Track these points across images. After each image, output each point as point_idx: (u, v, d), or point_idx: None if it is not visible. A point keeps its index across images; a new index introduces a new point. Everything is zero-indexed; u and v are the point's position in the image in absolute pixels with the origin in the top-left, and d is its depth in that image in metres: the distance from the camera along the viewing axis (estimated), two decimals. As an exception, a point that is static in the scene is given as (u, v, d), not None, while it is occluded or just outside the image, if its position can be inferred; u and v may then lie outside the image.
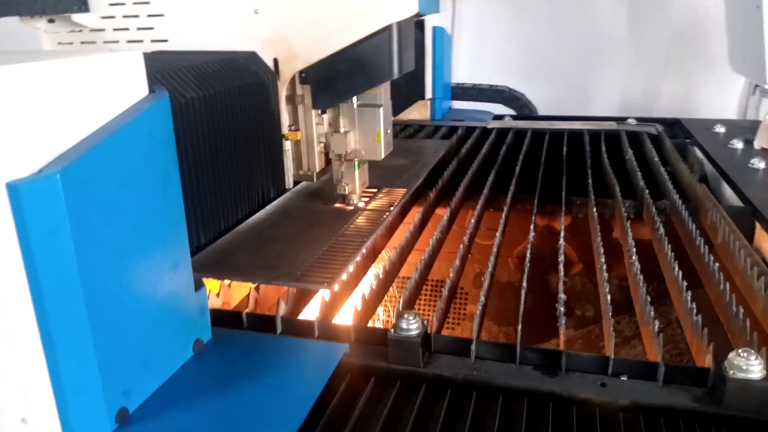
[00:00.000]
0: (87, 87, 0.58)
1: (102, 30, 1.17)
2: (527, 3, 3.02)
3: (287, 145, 1.17)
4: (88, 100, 0.58)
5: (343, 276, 0.95)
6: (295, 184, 1.25)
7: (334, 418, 0.69)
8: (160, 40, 1.15)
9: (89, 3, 1.14)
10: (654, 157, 1.64)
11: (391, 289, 1.13)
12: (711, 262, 0.99)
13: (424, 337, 0.76)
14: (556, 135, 1.92)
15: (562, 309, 0.87)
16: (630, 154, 1.66)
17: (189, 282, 0.71)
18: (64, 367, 0.55)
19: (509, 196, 1.38)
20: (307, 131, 1.17)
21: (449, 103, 2.26)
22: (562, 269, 1.01)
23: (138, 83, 0.64)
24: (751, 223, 1.21)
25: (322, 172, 1.23)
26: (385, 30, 1.01)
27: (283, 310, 0.87)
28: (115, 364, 0.60)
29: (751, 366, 0.67)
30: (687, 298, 0.88)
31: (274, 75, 1.11)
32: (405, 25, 1.04)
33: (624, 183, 1.44)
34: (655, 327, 0.81)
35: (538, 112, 2.35)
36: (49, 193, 0.52)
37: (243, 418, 0.64)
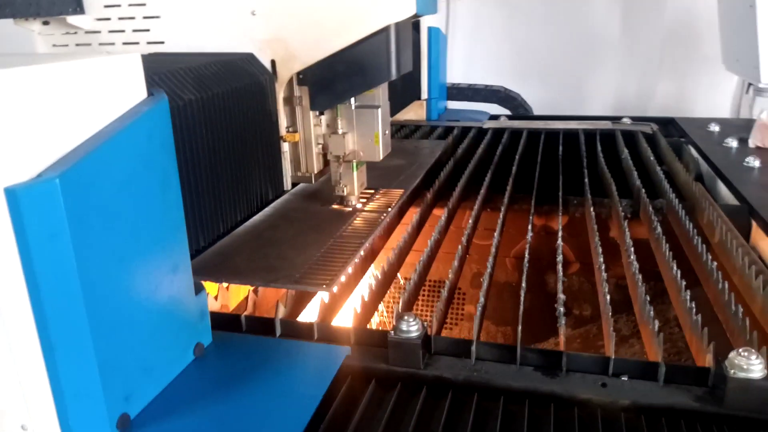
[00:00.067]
0: (85, 90, 0.58)
1: (97, 32, 1.16)
2: (521, 3, 3.02)
3: (285, 146, 1.17)
4: (86, 103, 0.58)
5: (342, 278, 0.95)
6: (294, 185, 1.25)
7: (335, 421, 0.69)
8: (156, 42, 1.15)
9: (84, 5, 1.13)
10: (649, 156, 1.64)
11: (390, 289, 1.13)
12: (709, 261, 1.00)
13: (424, 339, 0.76)
14: (552, 135, 1.92)
15: (561, 309, 0.87)
16: (626, 153, 1.66)
17: (189, 285, 0.71)
18: (65, 373, 0.55)
19: (506, 196, 1.38)
20: (305, 133, 1.17)
21: (445, 104, 2.26)
22: (561, 269, 1.01)
23: (136, 86, 0.64)
24: (747, 222, 1.21)
25: (321, 173, 1.22)
26: (383, 31, 1.01)
27: (282, 312, 0.87)
28: (115, 369, 0.59)
29: (751, 365, 0.67)
30: (686, 298, 0.88)
31: (272, 76, 1.11)
32: (403, 26, 1.04)
33: (620, 182, 1.44)
34: (655, 327, 0.81)
35: (533, 112, 2.35)
36: (48, 197, 0.52)
37: (245, 423, 0.63)
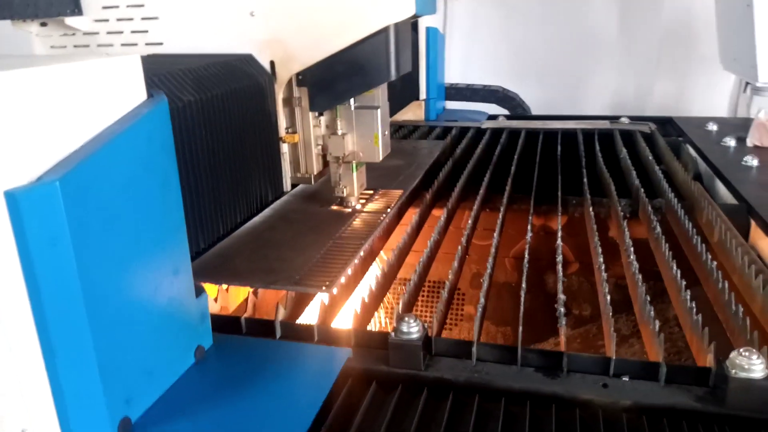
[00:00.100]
0: (85, 92, 0.57)
1: (95, 33, 1.16)
2: (519, 3, 3.03)
3: (284, 147, 1.17)
4: (86, 105, 0.57)
5: (342, 279, 0.95)
6: (293, 186, 1.25)
7: (336, 424, 0.68)
8: (154, 43, 1.14)
9: (82, 6, 1.13)
10: (648, 155, 1.64)
11: (390, 291, 1.13)
12: (709, 261, 1.00)
13: (425, 340, 0.76)
14: (550, 134, 1.92)
15: (562, 309, 0.87)
16: (624, 153, 1.66)
17: (190, 288, 0.70)
18: (65, 377, 0.54)
19: (505, 197, 1.38)
20: (304, 134, 1.16)
21: (443, 104, 2.26)
22: (561, 269, 1.01)
23: (136, 88, 0.63)
24: (746, 221, 1.21)
25: (320, 174, 1.22)
26: (383, 31, 1.01)
27: (282, 314, 0.87)
28: (116, 373, 0.59)
29: (753, 365, 0.67)
30: (686, 297, 0.88)
31: (271, 77, 1.10)
32: (402, 26, 1.03)
33: (619, 182, 1.44)
34: (656, 327, 0.81)
35: (531, 112, 2.36)
36: (48, 201, 0.51)
37: (247, 426, 0.63)
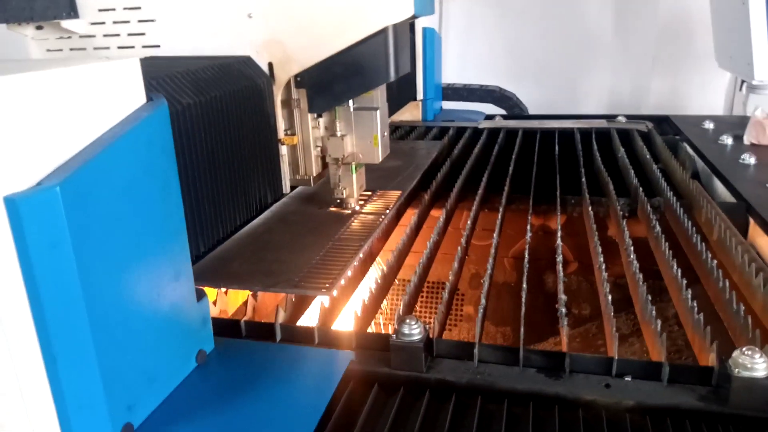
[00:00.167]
0: (85, 96, 0.57)
1: (92, 36, 1.15)
2: (514, 2, 3.03)
3: (283, 149, 1.16)
4: (86, 109, 0.57)
5: (342, 281, 0.95)
6: (292, 188, 1.24)
7: (338, 427, 0.68)
8: (152, 46, 1.13)
9: (78, 9, 1.12)
10: (646, 154, 1.65)
11: (389, 292, 1.12)
12: (709, 259, 1.00)
13: (427, 342, 0.76)
14: (548, 134, 1.92)
15: (563, 310, 0.87)
16: (622, 151, 1.67)
17: (191, 292, 0.70)
18: (67, 383, 0.54)
19: (504, 197, 1.38)
20: (303, 135, 1.16)
21: (440, 104, 2.26)
22: (561, 269, 1.01)
23: (136, 91, 0.63)
24: (744, 219, 1.21)
25: (319, 176, 1.21)
26: (381, 32, 1.01)
27: (282, 317, 0.86)
28: (118, 378, 0.59)
29: (755, 364, 0.67)
30: (687, 296, 0.88)
31: (269, 79, 1.10)
32: (401, 27, 1.03)
33: (617, 181, 1.44)
34: (658, 326, 0.81)
35: (528, 111, 2.36)
36: (48, 206, 0.51)
37: (250, 431, 0.63)
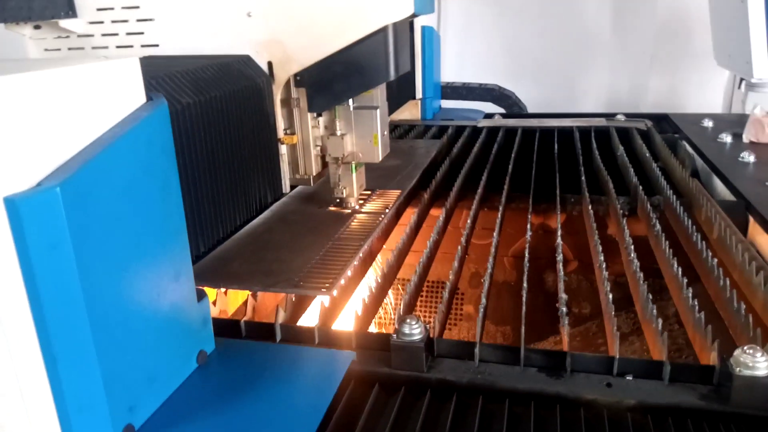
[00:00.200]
0: (85, 96, 0.57)
1: (90, 36, 1.15)
2: (512, 1, 3.03)
3: (283, 149, 1.16)
4: (85, 109, 0.57)
5: (341, 281, 0.94)
6: (292, 188, 1.24)
7: (339, 427, 0.68)
8: (150, 45, 1.13)
9: (77, 8, 1.12)
10: (645, 152, 1.64)
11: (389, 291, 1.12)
12: (709, 258, 1.00)
13: (427, 342, 0.76)
14: (547, 133, 1.92)
15: (564, 309, 0.87)
16: (621, 150, 1.66)
17: (191, 292, 0.70)
18: (68, 385, 0.54)
19: (504, 195, 1.38)
20: (303, 135, 1.16)
21: (439, 103, 2.25)
22: (561, 268, 1.01)
23: (136, 90, 0.63)
24: (744, 218, 1.21)
25: (319, 175, 1.21)
26: (381, 31, 1.00)
27: (282, 317, 0.86)
28: (119, 380, 0.58)
29: (757, 363, 0.67)
30: (688, 295, 0.88)
31: (269, 78, 1.09)
32: (401, 25, 1.03)
33: (616, 179, 1.44)
34: (659, 325, 0.81)
35: (527, 110, 2.35)
36: (49, 207, 0.51)
37: (252, 432, 0.62)
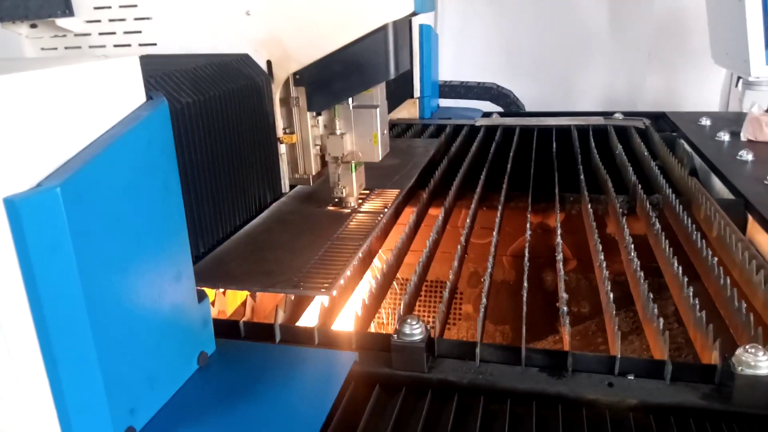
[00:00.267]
0: (84, 95, 0.56)
1: (87, 35, 1.14)
2: (510, 0, 3.03)
3: (282, 148, 1.16)
4: (85, 108, 0.56)
5: (341, 281, 0.94)
6: (291, 187, 1.24)
7: (340, 428, 0.67)
8: (148, 44, 1.13)
9: (74, 7, 1.11)
10: (643, 151, 1.65)
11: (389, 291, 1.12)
12: (709, 257, 1.00)
13: (428, 342, 0.75)
14: (545, 131, 1.92)
15: (564, 309, 0.86)
16: (619, 148, 1.66)
17: (192, 293, 0.69)
18: (68, 387, 0.53)
19: (502, 194, 1.38)
20: (302, 134, 1.15)
21: (437, 101, 2.25)
22: (562, 268, 1.01)
23: (136, 90, 0.62)
24: (743, 216, 1.21)
25: (318, 175, 1.21)
26: (381, 30, 1.00)
27: (282, 317, 0.86)
28: (120, 381, 0.58)
29: (759, 362, 0.67)
30: (689, 294, 0.88)
31: (268, 77, 1.09)
32: (400, 24, 1.02)
33: (615, 178, 1.44)
34: (660, 325, 0.81)
35: (525, 109, 2.35)
36: (49, 207, 0.50)
37: (254, 434, 0.62)
